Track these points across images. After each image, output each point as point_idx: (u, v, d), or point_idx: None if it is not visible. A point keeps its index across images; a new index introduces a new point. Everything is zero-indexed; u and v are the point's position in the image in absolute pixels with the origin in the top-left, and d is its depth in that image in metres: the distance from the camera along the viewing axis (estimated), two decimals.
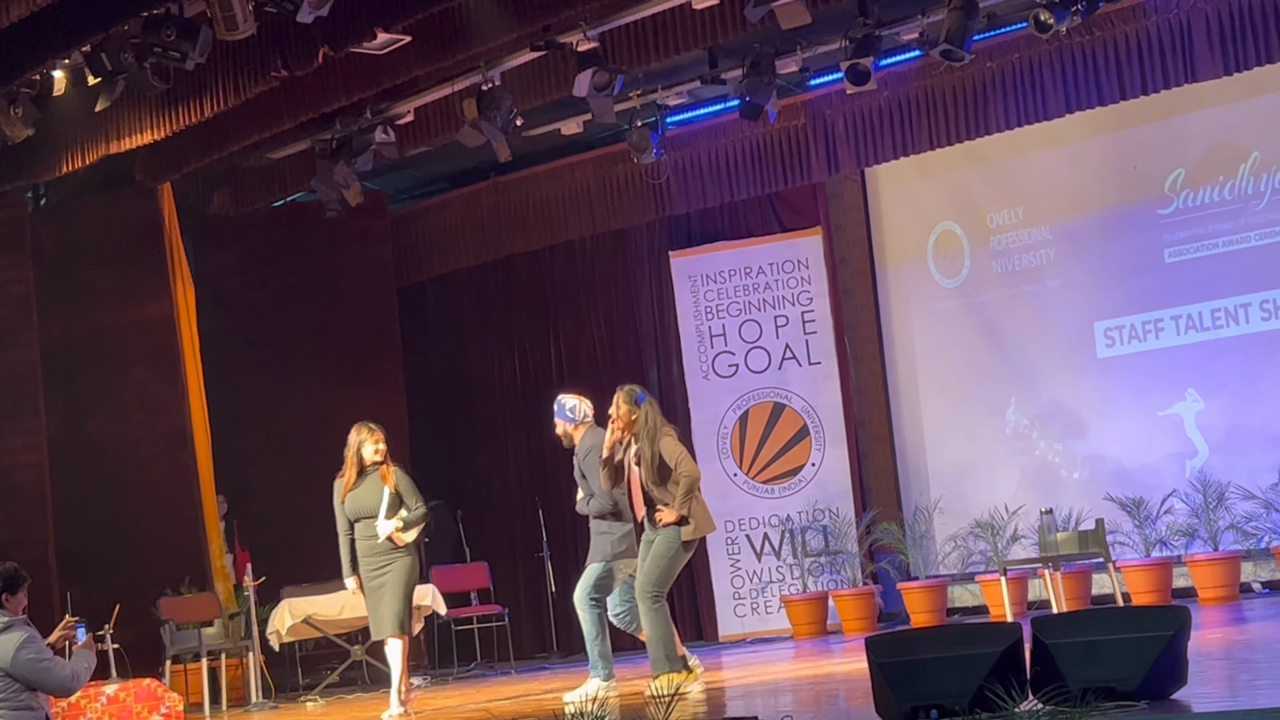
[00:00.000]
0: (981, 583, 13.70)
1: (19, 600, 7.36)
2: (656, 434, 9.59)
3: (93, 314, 14.35)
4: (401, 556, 10.18)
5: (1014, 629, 6.54)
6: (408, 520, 10.18)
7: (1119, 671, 6.31)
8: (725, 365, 15.18)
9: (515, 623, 14.70)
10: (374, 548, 10.20)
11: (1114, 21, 12.25)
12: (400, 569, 10.18)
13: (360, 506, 10.23)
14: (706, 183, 14.51)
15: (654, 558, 9.55)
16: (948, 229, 14.78)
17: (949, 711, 6.31)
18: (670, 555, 9.55)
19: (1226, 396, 13.27)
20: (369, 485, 10.24)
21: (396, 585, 10.16)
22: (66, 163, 12.81)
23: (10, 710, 7.10)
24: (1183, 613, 6.54)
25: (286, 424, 15.01)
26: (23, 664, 7.14)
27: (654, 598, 9.53)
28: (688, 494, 9.52)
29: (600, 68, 11.61)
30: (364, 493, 10.24)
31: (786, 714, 7.67)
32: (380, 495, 10.20)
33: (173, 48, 10.24)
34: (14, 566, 7.35)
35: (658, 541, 9.57)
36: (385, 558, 10.18)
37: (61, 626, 7.60)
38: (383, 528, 10.14)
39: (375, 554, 10.20)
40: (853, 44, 11.84)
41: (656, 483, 9.56)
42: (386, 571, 10.18)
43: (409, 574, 10.21)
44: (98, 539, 13.85)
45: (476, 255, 15.98)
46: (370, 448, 10.30)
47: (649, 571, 9.57)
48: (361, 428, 10.39)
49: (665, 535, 9.56)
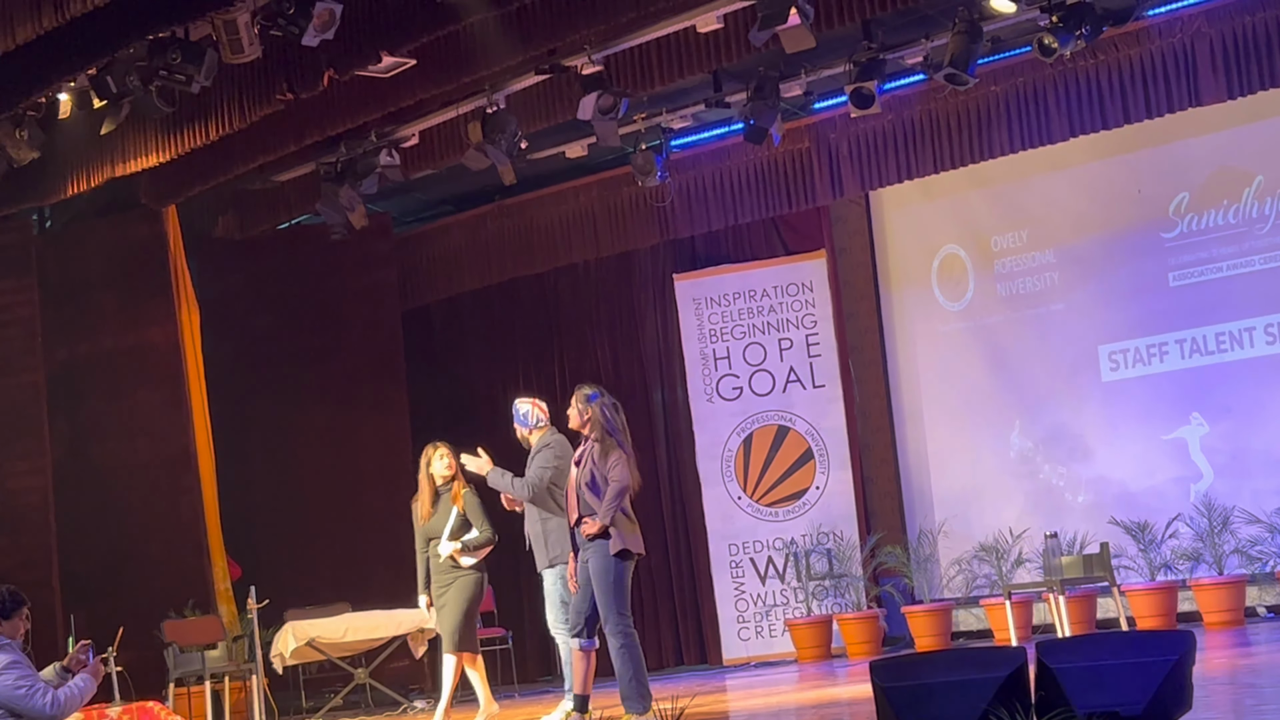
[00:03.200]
0: (986, 607, 13.68)
1: (15, 624, 7.32)
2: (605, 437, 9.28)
3: (97, 337, 14.36)
4: (462, 576, 10.42)
5: (1019, 653, 6.53)
6: (468, 543, 10.42)
7: (1124, 696, 6.29)
8: (729, 388, 15.17)
9: (519, 646, 14.68)
10: (439, 566, 10.50)
11: (1118, 45, 12.26)
12: (458, 588, 10.42)
13: (431, 527, 10.54)
14: (711, 206, 14.52)
15: (598, 586, 9.11)
16: (951, 252, 14.79)
17: None
18: (611, 577, 9.11)
19: (1231, 420, 13.26)
20: (442, 506, 10.53)
21: (455, 603, 10.40)
22: (72, 185, 12.81)
23: None
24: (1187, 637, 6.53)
25: (291, 447, 15.02)
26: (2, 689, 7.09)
27: (623, 632, 9.11)
28: (614, 499, 9.06)
29: (605, 91, 11.62)
30: (438, 514, 10.54)
31: None
32: (448, 516, 10.45)
33: (178, 71, 10.25)
34: (10, 590, 7.32)
35: (591, 564, 9.14)
36: (448, 576, 10.45)
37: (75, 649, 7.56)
38: (444, 548, 10.41)
39: (439, 573, 10.49)
40: (857, 67, 11.86)
41: (591, 488, 9.17)
42: (447, 590, 10.44)
43: (467, 592, 10.42)
44: (101, 562, 13.85)
45: (481, 278, 15.99)
46: (440, 465, 10.55)
47: (603, 600, 9.11)
48: (431, 447, 10.64)
49: (595, 555, 9.12)
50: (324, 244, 14.35)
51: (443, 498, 10.53)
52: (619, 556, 9.15)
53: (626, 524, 9.20)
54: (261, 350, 15.18)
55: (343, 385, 15.24)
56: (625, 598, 9.22)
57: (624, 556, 9.16)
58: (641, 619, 15.53)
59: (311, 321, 15.32)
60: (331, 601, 13.41)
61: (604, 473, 9.19)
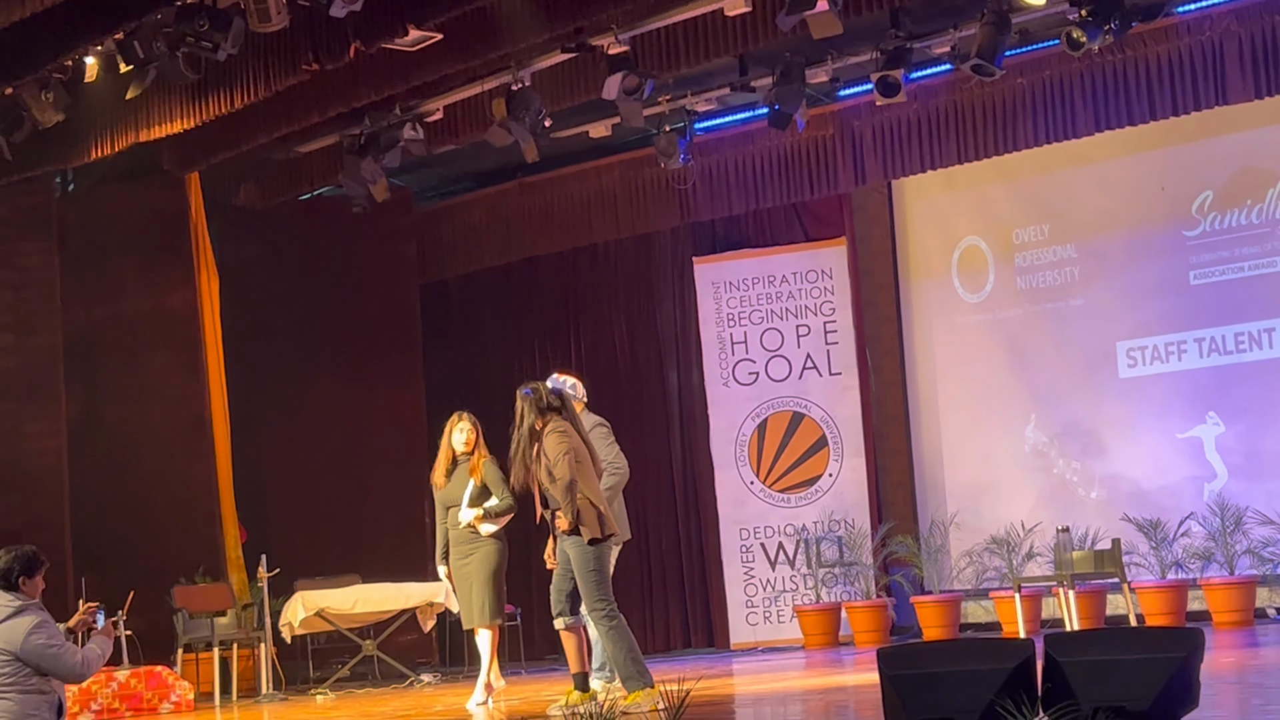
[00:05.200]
0: (995, 599, 13.68)
1: (35, 584, 7.38)
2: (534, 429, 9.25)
3: (116, 301, 14.39)
4: (484, 545, 10.47)
5: (1026, 645, 6.52)
6: (489, 509, 10.46)
7: (1130, 692, 6.28)
8: (745, 373, 15.17)
9: (527, 623, 14.70)
10: (459, 536, 10.55)
11: (1146, 41, 12.22)
12: (481, 557, 10.49)
13: (448, 496, 10.60)
14: (732, 190, 14.50)
15: (579, 575, 9.16)
16: (972, 244, 14.76)
17: None
18: (590, 565, 9.14)
19: (1247, 421, 13.23)
20: (459, 476, 10.56)
21: (480, 574, 10.47)
22: (95, 149, 12.84)
23: (20, 694, 7.12)
24: (1196, 635, 6.52)
25: (305, 417, 15.06)
26: (33, 649, 7.15)
27: (608, 615, 9.12)
28: (565, 495, 9.07)
29: (630, 71, 11.61)
30: (454, 483, 10.58)
31: None
32: (466, 485, 10.48)
33: (205, 38, 10.27)
34: (33, 550, 7.37)
35: (571, 555, 9.21)
36: (468, 546, 10.50)
37: (82, 611, 7.60)
38: (464, 515, 10.47)
39: (460, 543, 10.55)
40: (884, 56, 11.83)
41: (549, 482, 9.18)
42: (469, 560, 10.49)
43: (492, 562, 10.50)
44: (114, 526, 13.89)
45: (500, 255, 15.99)
46: (460, 437, 10.60)
47: (585, 589, 9.16)
48: (456, 416, 10.70)
49: (572, 546, 9.19)
50: (344, 216, 14.36)
51: (460, 467, 10.56)
52: (593, 543, 9.19)
53: (591, 512, 9.19)
54: (279, 320, 15.20)
55: (359, 357, 15.27)
56: (606, 583, 9.27)
57: (598, 543, 9.19)
58: (650, 600, 15.58)
59: (330, 293, 15.34)
60: (342, 572, 13.44)
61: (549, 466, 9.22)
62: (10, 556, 7.28)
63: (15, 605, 7.20)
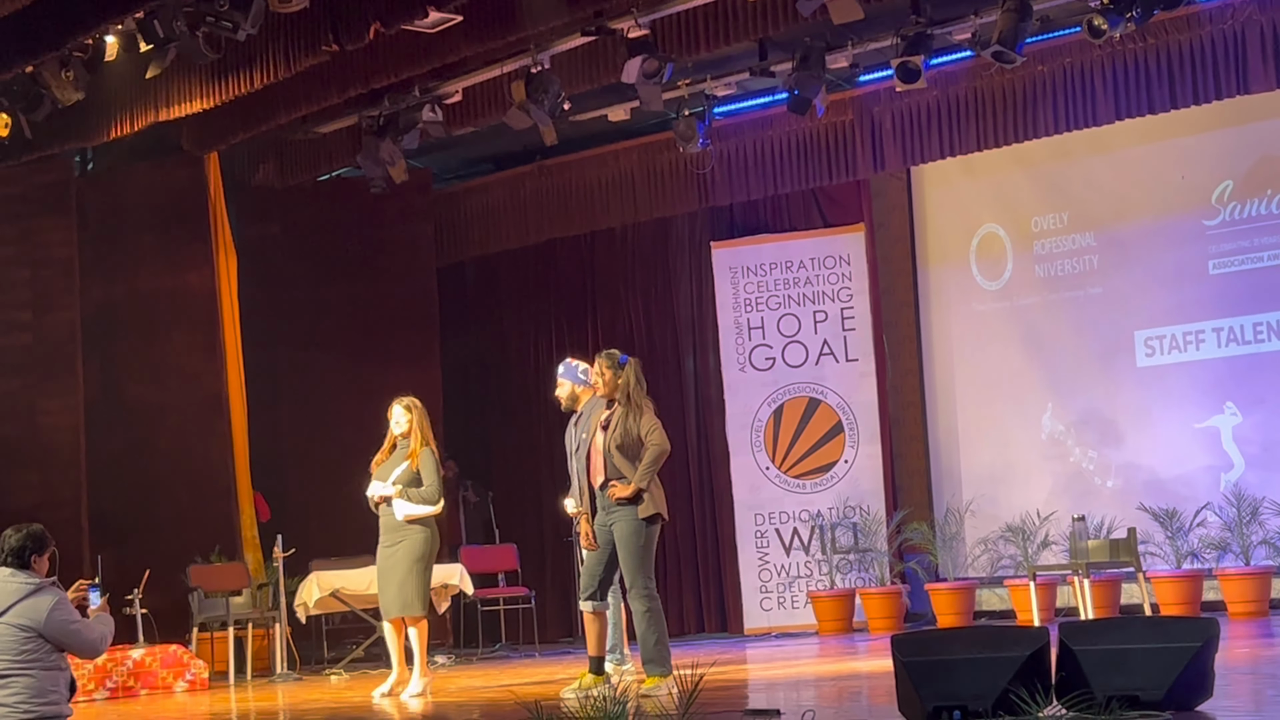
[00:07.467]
0: (1010, 587, 13.66)
1: (44, 562, 7.40)
2: (640, 401, 9.31)
3: (134, 279, 14.42)
4: (411, 534, 10.18)
5: (1041, 633, 6.53)
6: (411, 495, 10.15)
7: (1144, 681, 6.29)
8: (762, 358, 15.16)
9: (541, 606, 14.73)
10: (387, 524, 10.26)
11: (1168, 30, 12.17)
12: (408, 547, 10.17)
13: (379, 476, 10.35)
14: (751, 175, 14.49)
15: (627, 551, 9.16)
16: (991, 231, 14.73)
17: (972, 713, 6.30)
18: (641, 541, 9.16)
19: (1265, 411, 13.19)
20: (394, 459, 10.34)
21: (404, 564, 10.13)
22: (115, 128, 12.86)
23: (42, 670, 7.15)
24: (1211, 625, 6.52)
25: (322, 396, 15.07)
26: (55, 625, 7.18)
27: (649, 596, 9.17)
28: (652, 465, 9.12)
29: (650, 55, 11.59)
30: (386, 466, 10.35)
31: (809, 709, 7.66)
32: (394, 468, 10.26)
33: (225, 18, 10.28)
34: (41, 528, 7.39)
35: (620, 529, 9.17)
36: (396, 534, 10.21)
37: (74, 589, 7.61)
38: (373, 489, 10.23)
39: (387, 530, 10.26)
40: (904, 41, 11.80)
41: (623, 451, 9.19)
42: (396, 549, 10.20)
43: (417, 551, 10.17)
44: (130, 504, 13.93)
45: (518, 238, 15.99)
46: (391, 422, 10.38)
47: (631, 565, 9.16)
48: (395, 400, 10.48)
49: (624, 520, 9.16)
50: (363, 197, 14.39)
51: (398, 451, 10.34)
52: (648, 521, 9.17)
53: (657, 489, 9.22)
54: (296, 299, 15.23)
55: (376, 338, 15.27)
56: (651, 563, 9.27)
57: (653, 521, 9.19)
58: (664, 585, 15.54)
59: (347, 273, 15.36)
60: (357, 554, 13.44)
61: (638, 435, 9.20)
62: (22, 534, 7.29)
63: (34, 583, 7.23)
